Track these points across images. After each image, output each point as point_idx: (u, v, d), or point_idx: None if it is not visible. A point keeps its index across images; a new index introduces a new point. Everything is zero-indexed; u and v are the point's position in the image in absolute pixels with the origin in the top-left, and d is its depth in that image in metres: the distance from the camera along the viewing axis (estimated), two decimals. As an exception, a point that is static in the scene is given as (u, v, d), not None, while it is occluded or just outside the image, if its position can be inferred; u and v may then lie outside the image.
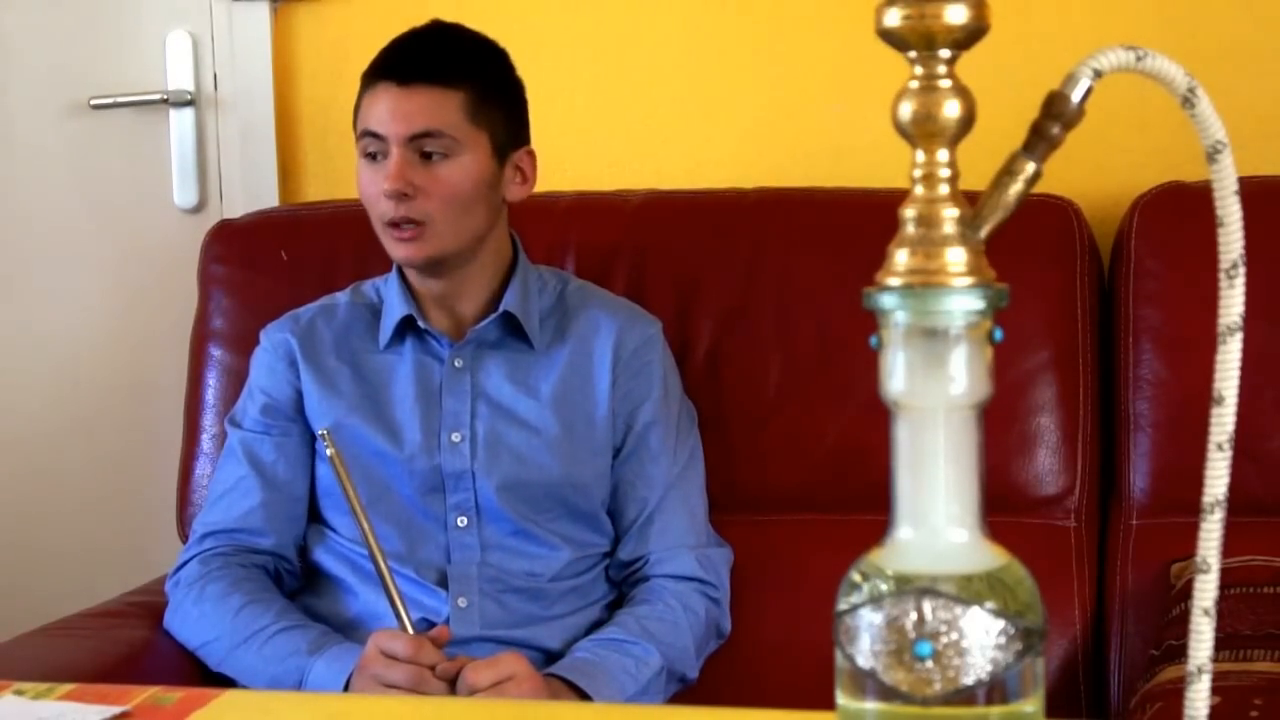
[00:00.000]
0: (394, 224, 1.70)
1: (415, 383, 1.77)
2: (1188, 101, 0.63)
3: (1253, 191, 0.71)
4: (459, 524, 1.74)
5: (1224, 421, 0.65)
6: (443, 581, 1.72)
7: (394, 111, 1.70)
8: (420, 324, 1.77)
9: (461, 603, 1.71)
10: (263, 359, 1.83)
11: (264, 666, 1.66)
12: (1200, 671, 0.66)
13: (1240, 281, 0.64)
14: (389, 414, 1.77)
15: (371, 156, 1.71)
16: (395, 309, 1.78)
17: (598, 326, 1.80)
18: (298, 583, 1.81)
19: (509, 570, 1.73)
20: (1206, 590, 0.66)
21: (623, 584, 1.80)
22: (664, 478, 1.79)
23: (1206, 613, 0.66)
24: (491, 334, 1.78)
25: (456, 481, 1.74)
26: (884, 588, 0.63)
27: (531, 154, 1.80)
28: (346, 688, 1.59)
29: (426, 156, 1.70)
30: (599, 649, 1.66)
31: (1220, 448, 0.65)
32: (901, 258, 0.63)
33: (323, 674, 1.61)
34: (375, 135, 1.70)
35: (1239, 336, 0.64)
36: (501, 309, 1.77)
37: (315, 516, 1.81)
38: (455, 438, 1.75)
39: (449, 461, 1.74)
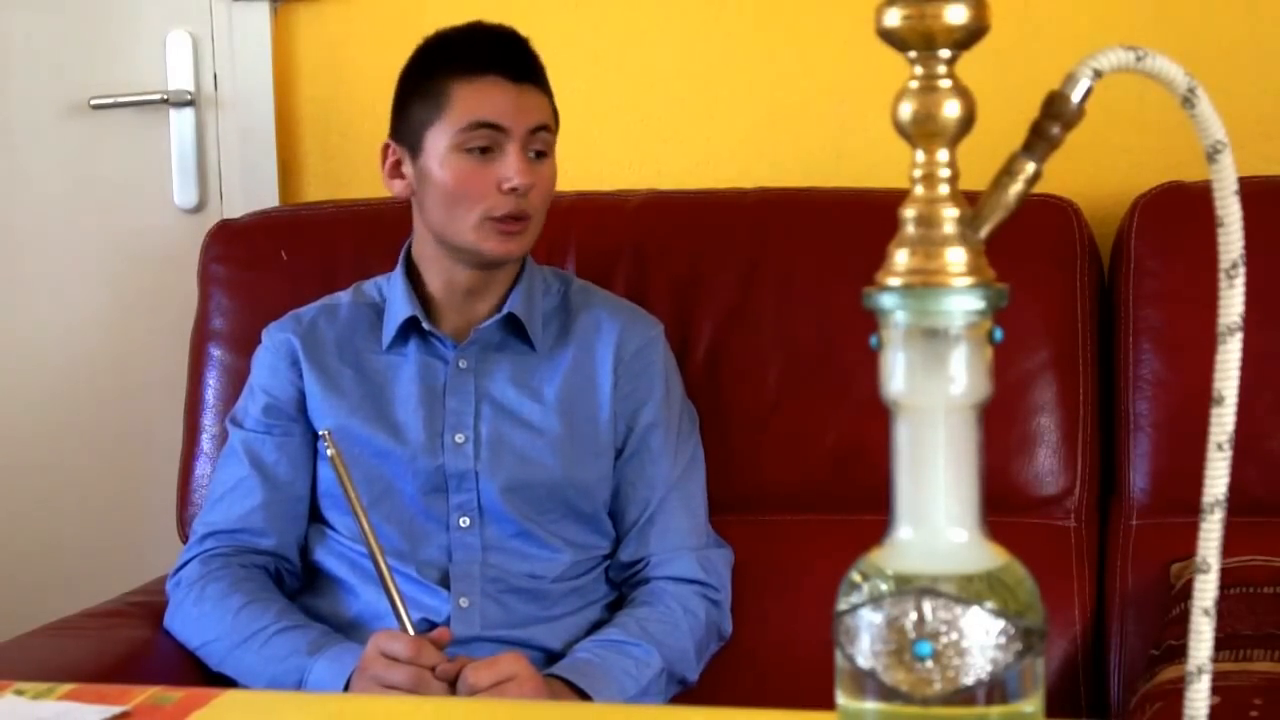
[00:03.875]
0: (504, 219, 1.70)
1: (419, 383, 1.77)
2: (1188, 101, 0.63)
3: (1253, 191, 0.71)
4: (461, 524, 1.74)
5: (1224, 421, 0.65)
6: (444, 581, 1.72)
7: (516, 105, 1.70)
8: (424, 325, 1.77)
9: (463, 603, 1.71)
10: (264, 358, 1.83)
11: (264, 667, 1.65)
12: (1200, 671, 0.66)
13: (1240, 281, 0.64)
14: (392, 414, 1.76)
15: (481, 150, 1.70)
16: (399, 310, 1.78)
17: (600, 328, 1.80)
18: (299, 583, 1.81)
19: (511, 571, 1.73)
20: (1206, 590, 0.66)
21: (623, 585, 1.80)
22: (665, 479, 1.79)
23: (1206, 613, 0.66)
24: (495, 335, 1.78)
25: (459, 482, 1.74)
26: (884, 588, 0.63)
27: None
28: (346, 688, 1.59)
29: (537, 154, 1.72)
30: (599, 650, 1.66)
31: (1220, 448, 0.65)
32: (901, 258, 0.63)
33: (323, 674, 1.61)
34: (495, 127, 1.69)
35: (1239, 336, 0.64)
36: (505, 310, 1.77)
37: (316, 516, 1.80)
38: (459, 438, 1.75)
39: (452, 462, 1.74)
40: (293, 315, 1.84)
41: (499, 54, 1.72)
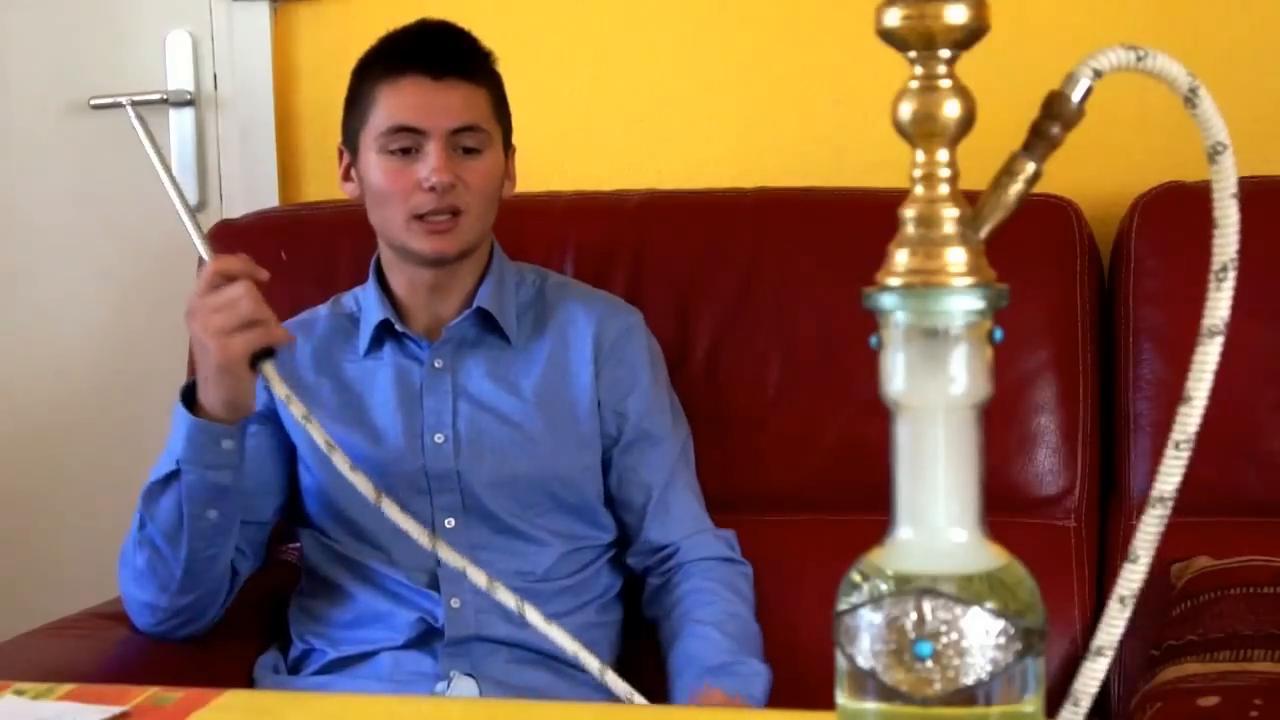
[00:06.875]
0: (428, 216, 1.69)
1: (396, 386, 1.76)
2: (1189, 101, 0.63)
3: (1252, 192, 0.71)
4: (447, 525, 1.73)
5: (1188, 421, 0.65)
6: (434, 584, 1.71)
7: (433, 105, 1.69)
8: (398, 327, 1.77)
9: (454, 604, 1.70)
10: None
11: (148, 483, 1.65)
12: (1099, 653, 0.66)
13: (1229, 285, 0.64)
14: (371, 419, 1.76)
15: (402, 151, 1.70)
16: (372, 315, 1.78)
17: (576, 320, 1.80)
18: (250, 567, 1.78)
19: (499, 570, 1.71)
20: (1131, 580, 0.66)
21: (649, 571, 1.80)
22: (668, 462, 1.80)
23: (1122, 601, 0.66)
24: (469, 332, 1.78)
25: (442, 482, 1.74)
26: (884, 588, 0.63)
27: (514, 153, 1.80)
28: (192, 397, 1.58)
29: (465, 150, 1.70)
30: (715, 680, 1.65)
31: (1178, 446, 0.65)
32: (901, 258, 0.63)
33: (173, 424, 1.61)
34: (412, 130, 1.69)
35: (1219, 340, 0.65)
36: (475, 305, 1.77)
37: (306, 521, 1.80)
38: (438, 438, 1.75)
39: (433, 462, 1.74)
40: None
41: (417, 52, 1.71)
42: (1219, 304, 0.64)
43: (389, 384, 1.77)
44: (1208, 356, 0.64)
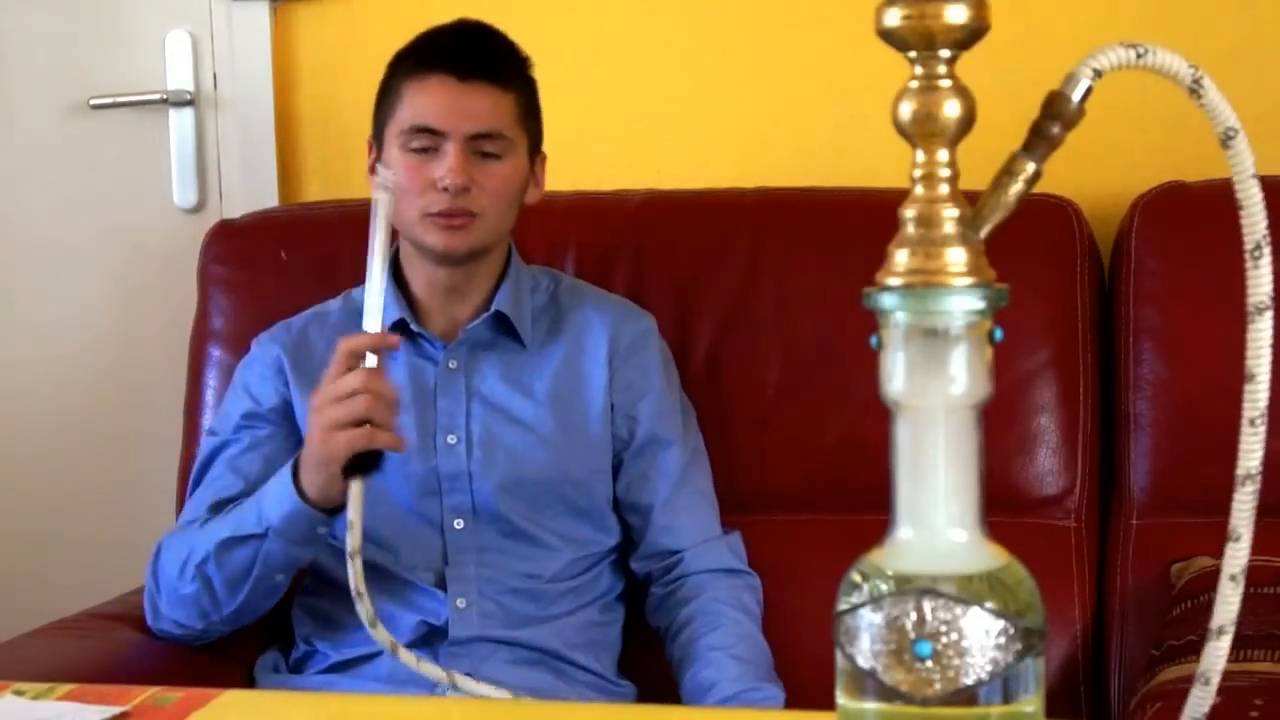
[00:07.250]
0: (441, 215, 1.69)
1: (410, 386, 1.76)
2: (1194, 92, 0.63)
3: (1253, 191, 0.71)
4: (456, 526, 1.73)
5: (1257, 398, 0.66)
6: (441, 583, 1.72)
7: (456, 108, 1.68)
8: (413, 327, 1.77)
9: (460, 604, 1.70)
10: (254, 367, 1.82)
11: (226, 530, 1.65)
12: (1221, 632, 0.67)
13: (1265, 262, 0.65)
14: None
15: (422, 150, 1.70)
16: (388, 314, 1.77)
17: (591, 323, 1.80)
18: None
19: (507, 571, 1.73)
20: (1236, 559, 0.67)
21: (650, 578, 1.79)
22: (677, 466, 1.80)
23: (1233, 579, 0.67)
24: (484, 334, 1.78)
25: (453, 483, 1.74)
26: (884, 588, 0.63)
27: (544, 160, 1.80)
28: (297, 474, 1.58)
29: (485, 154, 1.70)
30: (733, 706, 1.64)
31: (1253, 423, 0.66)
32: (901, 258, 0.63)
33: (271, 491, 1.61)
34: (432, 131, 1.69)
35: (1268, 315, 0.65)
36: (493, 308, 1.77)
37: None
38: (451, 439, 1.75)
39: (445, 463, 1.74)
40: (283, 325, 1.84)
41: (448, 52, 1.71)
42: (1259, 281, 0.65)
43: (403, 383, 1.76)
44: (1261, 334, 0.65)
